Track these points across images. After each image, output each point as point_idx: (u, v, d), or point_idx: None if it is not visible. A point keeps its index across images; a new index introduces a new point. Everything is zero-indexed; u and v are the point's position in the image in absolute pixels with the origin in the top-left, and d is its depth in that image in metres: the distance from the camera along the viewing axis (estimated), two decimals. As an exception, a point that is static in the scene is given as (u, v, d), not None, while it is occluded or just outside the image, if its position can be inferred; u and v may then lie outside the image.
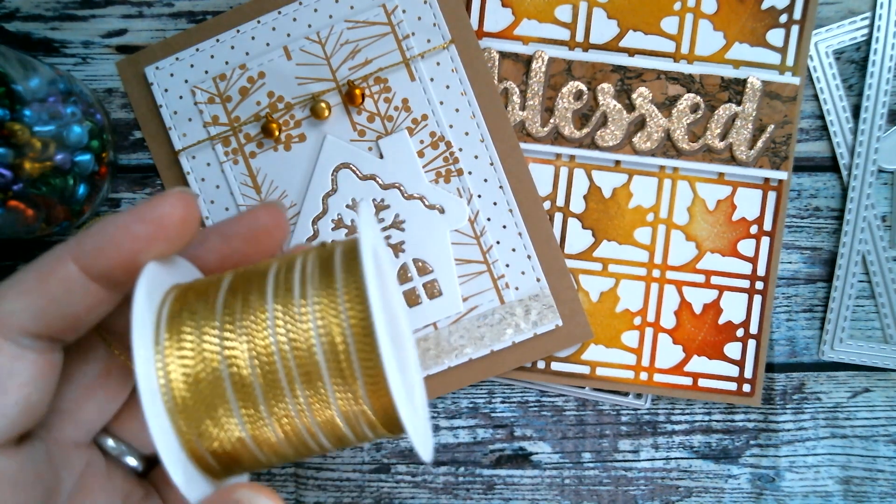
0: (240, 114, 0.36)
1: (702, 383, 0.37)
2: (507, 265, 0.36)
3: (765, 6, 0.36)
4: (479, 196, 0.36)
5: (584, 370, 0.37)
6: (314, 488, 0.39)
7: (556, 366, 0.37)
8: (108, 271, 0.19)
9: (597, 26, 0.37)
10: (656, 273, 0.37)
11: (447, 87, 0.35)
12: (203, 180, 0.36)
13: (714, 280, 0.37)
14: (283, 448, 0.19)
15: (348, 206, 0.36)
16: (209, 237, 0.23)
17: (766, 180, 0.37)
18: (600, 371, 0.37)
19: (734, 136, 0.36)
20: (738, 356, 0.37)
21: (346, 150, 0.36)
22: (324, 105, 0.35)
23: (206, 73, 0.35)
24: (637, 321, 0.37)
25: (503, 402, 0.38)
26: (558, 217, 0.37)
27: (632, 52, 0.37)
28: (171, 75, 0.36)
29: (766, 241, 0.37)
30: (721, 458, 0.39)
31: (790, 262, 0.38)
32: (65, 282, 0.19)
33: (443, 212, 0.36)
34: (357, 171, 0.36)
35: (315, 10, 0.35)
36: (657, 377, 0.37)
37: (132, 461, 0.24)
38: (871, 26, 0.37)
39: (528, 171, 0.36)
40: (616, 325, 0.37)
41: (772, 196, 0.37)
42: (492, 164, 0.36)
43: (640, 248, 0.37)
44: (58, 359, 0.20)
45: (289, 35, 0.35)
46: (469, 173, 0.36)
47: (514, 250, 0.36)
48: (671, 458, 0.39)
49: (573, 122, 0.36)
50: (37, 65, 0.32)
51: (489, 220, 0.36)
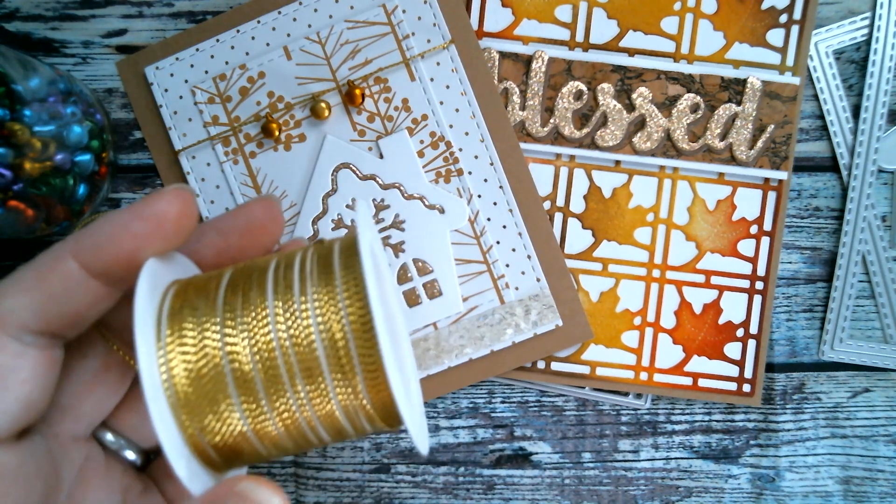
0: (240, 114, 0.36)
1: (702, 383, 0.37)
2: (507, 265, 0.36)
3: (765, 6, 0.36)
4: (479, 196, 0.36)
5: (584, 370, 0.37)
6: (314, 488, 0.39)
7: (556, 366, 0.37)
8: (107, 268, 0.19)
9: (597, 26, 0.37)
10: (656, 273, 0.37)
11: (447, 87, 0.35)
12: (203, 180, 0.36)
13: (714, 280, 0.37)
14: (283, 441, 0.19)
15: (348, 206, 0.36)
16: (205, 232, 0.23)
17: (766, 180, 0.37)
18: (600, 371, 0.37)
19: (734, 136, 0.36)
20: (738, 356, 0.37)
21: (346, 150, 0.36)
22: (324, 105, 0.35)
23: (206, 73, 0.35)
24: (637, 321, 0.37)
25: (503, 402, 0.38)
26: (558, 217, 0.37)
27: (632, 52, 0.37)
28: (171, 75, 0.36)
29: (766, 241, 0.37)
30: (721, 458, 0.39)
31: (790, 262, 0.38)
32: (65, 279, 0.19)
33: (443, 212, 0.36)
34: (357, 171, 0.36)
35: (315, 10, 0.35)
36: (657, 377, 0.37)
37: (131, 455, 0.24)
38: (871, 26, 0.37)
39: (528, 171, 0.36)
40: (616, 325, 0.37)
41: (772, 196, 0.37)
42: (492, 164, 0.36)
43: (640, 248, 0.37)
44: (58, 355, 0.20)
45: (289, 35, 0.35)
46: (469, 173, 0.36)
47: (514, 250, 0.36)
48: (671, 458, 0.39)
49: (573, 122, 0.36)
50: (37, 65, 0.32)
51: (489, 220, 0.36)
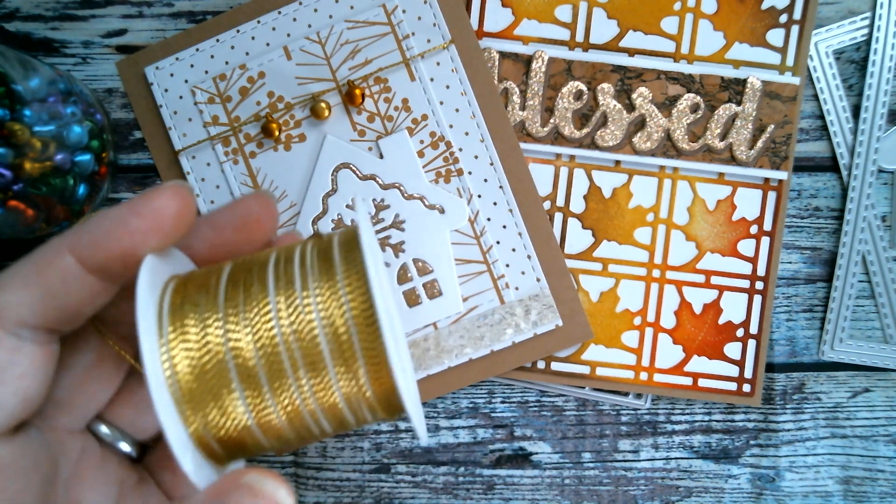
0: (240, 114, 0.36)
1: (702, 383, 0.37)
2: (507, 265, 0.36)
3: (765, 6, 0.36)
4: (479, 196, 0.36)
5: (584, 370, 0.37)
6: (314, 488, 0.39)
7: (556, 366, 0.37)
8: (105, 264, 0.19)
9: (597, 26, 0.37)
10: (656, 273, 0.37)
11: (447, 87, 0.35)
12: (203, 180, 0.36)
13: (714, 280, 0.37)
14: (286, 433, 0.19)
15: (348, 206, 0.36)
16: (200, 227, 0.23)
17: (766, 180, 0.37)
18: (600, 371, 0.37)
19: (734, 136, 0.36)
20: (738, 356, 0.37)
21: (346, 150, 0.36)
22: (324, 105, 0.35)
23: (206, 73, 0.35)
24: (637, 321, 0.37)
25: (503, 402, 0.38)
26: (558, 217, 0.37)
27: (632, 52, 0.37)
28: (171, 75, 0.36)
29: (766, 241, 0.37)
30: (721, 458, 0.39)
31: (790, 262, 0.38)
32: (62, 274, 0.19)
33: (443, 212, 0.36)
34: (357, 171, 0.36)
35: (315, 10, 0.35)
36: (657, 377, 0.37)
37: (126, 447, 0.24)
38: (871, 26, 0.37)
39: (528, 171, 0.36)
40: (616, 325, 0.37)
41: (772, 196, 0.37)
42: (492, 164, 0.36)
43: (640, 248, 0.37)
44: (55, 350, 0.20)
45: (289, 35, 0.35)
46: (469, 173, 0.36)
47: (514, 250, 0.36)
48: (671, 458, 0.39)
49: (573, 122, 0.36)
50: (37, 65, 0.32)
51: (489, 220, 0.36)
